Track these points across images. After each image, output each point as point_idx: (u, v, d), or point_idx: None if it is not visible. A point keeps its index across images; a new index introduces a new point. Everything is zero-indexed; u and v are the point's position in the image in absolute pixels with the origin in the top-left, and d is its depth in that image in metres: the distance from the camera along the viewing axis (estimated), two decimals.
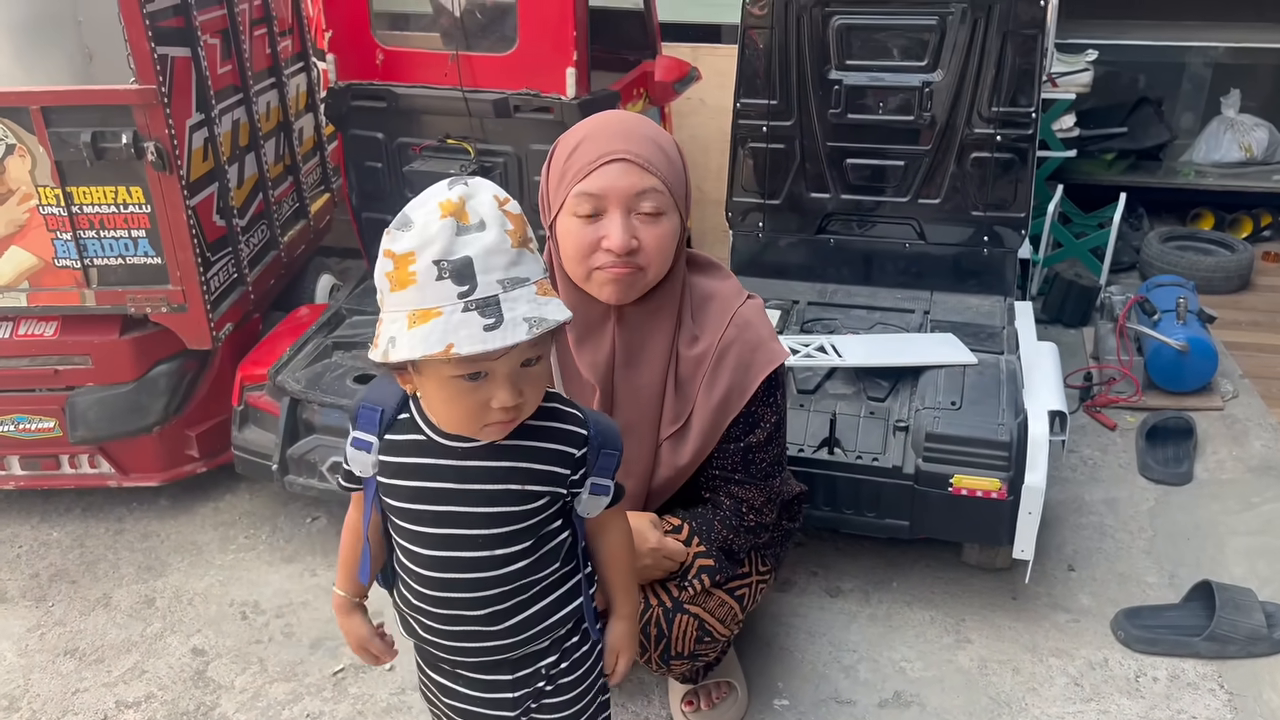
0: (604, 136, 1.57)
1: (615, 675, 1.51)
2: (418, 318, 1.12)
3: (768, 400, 1.72)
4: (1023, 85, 2.70)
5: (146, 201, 2.42)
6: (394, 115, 2.89)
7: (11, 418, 2.58)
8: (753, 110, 2.88)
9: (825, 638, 2.29)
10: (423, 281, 1.12)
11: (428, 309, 1.12)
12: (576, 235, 1.57)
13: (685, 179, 1.63)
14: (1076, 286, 3.67)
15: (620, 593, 1.48)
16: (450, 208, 1.13)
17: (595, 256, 1.57)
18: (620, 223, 1.54)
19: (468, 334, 1.11)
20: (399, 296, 1.13)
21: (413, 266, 1.12)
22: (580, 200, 1.55)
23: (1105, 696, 2.11)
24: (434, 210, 1.13)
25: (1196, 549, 2.54)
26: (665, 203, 1.57)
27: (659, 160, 1.56)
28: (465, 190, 1.15)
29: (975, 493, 2.16)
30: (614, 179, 1.54)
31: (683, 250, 1.68)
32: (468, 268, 1.12)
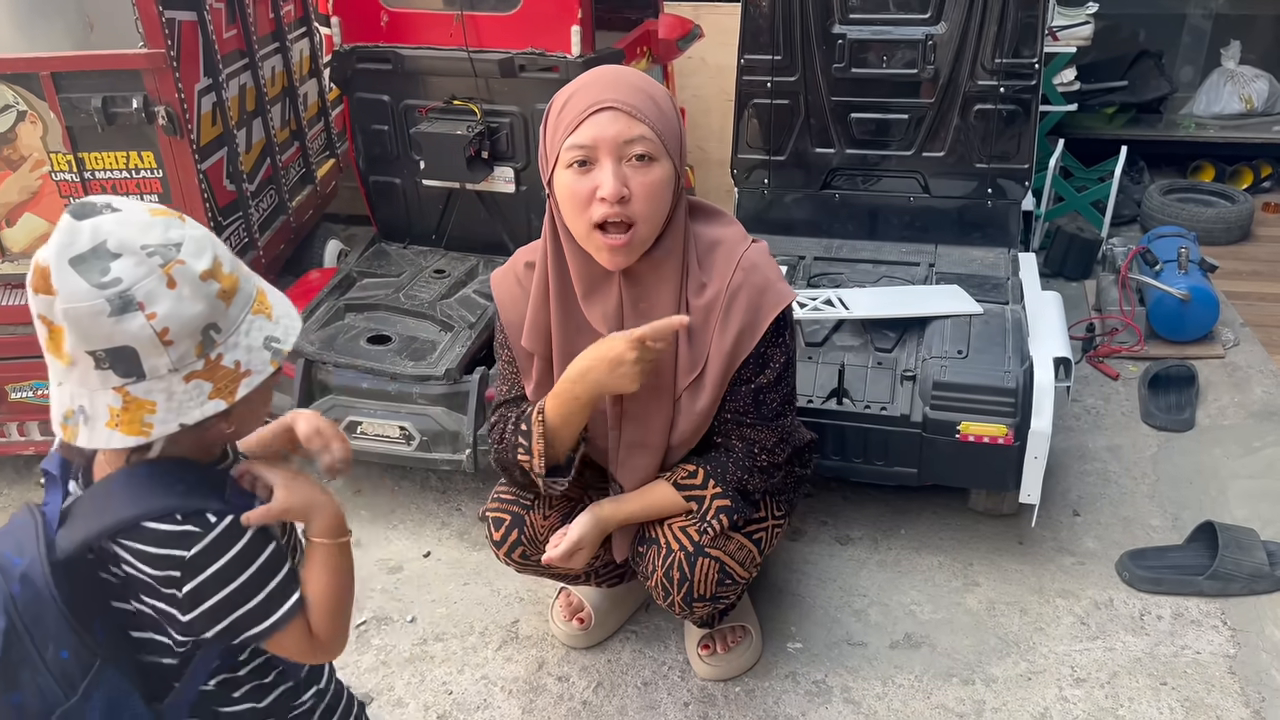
0: (593, 88, 1.59)
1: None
2: (262, 303, 1.09)
3: (776, 341, 1.75)
4: (1025, 37, 2.71)
5: (158, 166, 2.44)
6: (399, 77, 2.89)
7: (30, 383, 2.61)
8: (757, 66, 2.89)
9: (836, 583, 2.34)
10: (241, 274, 1.07)
11: (258, 290, 1.10)
12: (571, 187, 1.59)
13: (679, 129, 1.65)
14: (1078, 240, 3.69)
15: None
16: (167, 213, 1.05)
17: (592, 208, 1.58)
18: (611, 170, 1.56)
19: (276, 291, 1.13)
20: (236, 305, 1.05)
21: (225, 268, 1.05)
22: (572, 152, 1.57)
23: (1111, 634, 2.16)
24: (167, 221, 1.02)
25: (1199, 492, 2.59)
26: (656, 149, 1.59)
27: (647, 107, 1.58)
28: (130, 204, 1.03)
29: (982, 439, 2.19)
30: (603, 127, 1.56)
31: (681, 201, 1.70)
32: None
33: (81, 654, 1.08)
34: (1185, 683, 2.04)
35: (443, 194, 3.03)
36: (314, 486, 1.17)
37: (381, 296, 2.80)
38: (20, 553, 1.07)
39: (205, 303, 1.02)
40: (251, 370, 1.06)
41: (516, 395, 1.87)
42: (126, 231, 0.99)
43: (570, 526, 1.82)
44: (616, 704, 2.05)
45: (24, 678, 1.06)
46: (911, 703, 2.02)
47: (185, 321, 1.00)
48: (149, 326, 0.99)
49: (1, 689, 1.06)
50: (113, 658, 1.12)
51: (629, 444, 1.81)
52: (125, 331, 0.98)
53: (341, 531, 1.18)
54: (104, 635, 1.11)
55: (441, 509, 2.65)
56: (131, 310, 0.98)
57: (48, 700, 1.07)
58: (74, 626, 1.07)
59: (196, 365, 1.03)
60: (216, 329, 1.03)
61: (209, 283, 1.02)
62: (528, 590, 2.34)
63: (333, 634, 1.17)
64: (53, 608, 1.06)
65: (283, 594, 1.12)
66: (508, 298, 1.83)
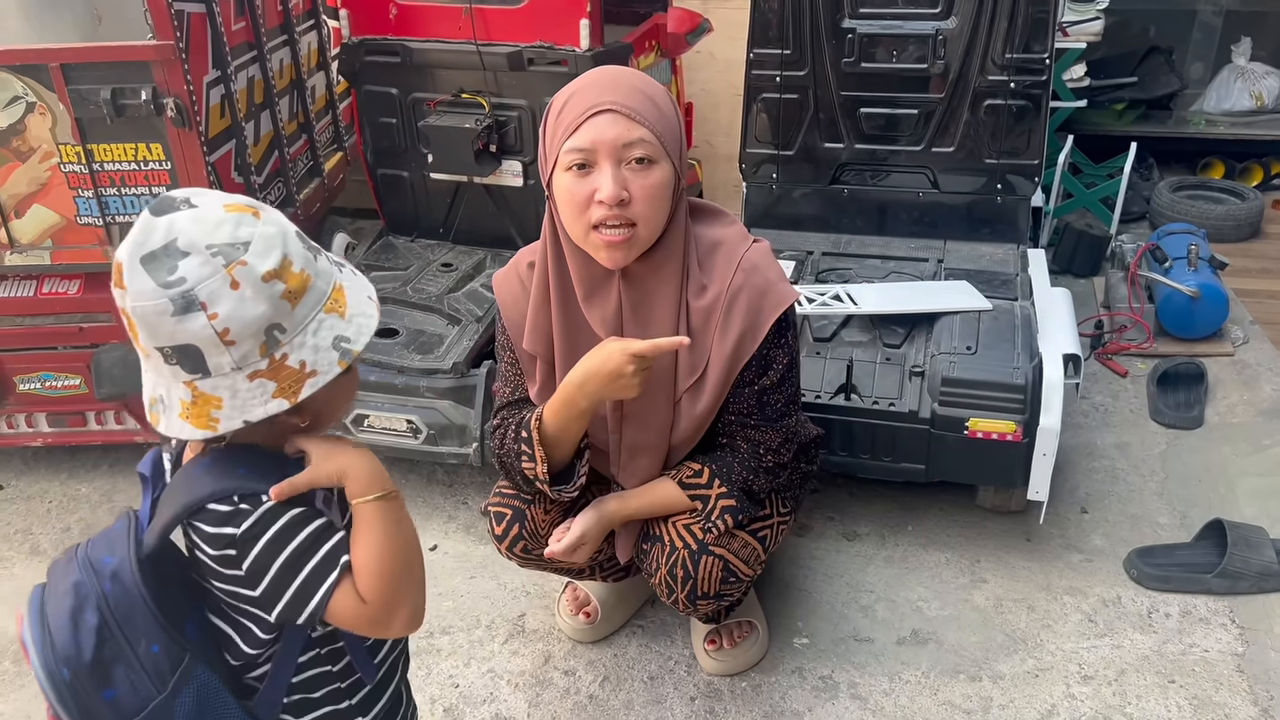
0: (591, 90, 1.58)
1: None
2: (337, 301, 1.08)
3: (779, 342, 1.74)
4: (1037, 32, 2.70)
5: (167, 158, 2.43)
6: (408, 70, 2.89)
7: (38, 375, 2.62)
8: (766, 61, 2.88)
9: (843, 579, 2.34)
10: (314, 271, 1.06)
11: (335, 289, 1.09)
12: (570, 190, 1.58)
13: (679, 130, 1.63)
14: (1087, 236, 3.68)
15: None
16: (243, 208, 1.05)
17: (590, 211, 1.58)
18: (610, 173, 1.55)
19: (360, 282, 1.13)
20: (304, 306, 1.05)
21: (295, 267, 1.04)
22: (571, 155, 1.56)
23: (1118, 632, 2.16)
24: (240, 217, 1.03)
25: (1208, 490, 2.58)
26: (655, 151, 1.57)
27: (647, 110, 1.57)
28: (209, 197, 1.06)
29: (991, 435, 2.19)
30: (602, 130, 1.54)
31: (681, 203, 1.68)
32: (307, 239, 1.10)
33: (171, 649, 1.11)
34: (1193, 681, 2.03)
35: (451, 187, 3.03)
36: (346, 450, 1.13)
37: (389, 290, 2.79)
38: (112, 552, 1.11)
39: (268, 304, 1.02)
40: (317, 371, 1.05)
41: (519, 397, 1.87)
42: (197, 230, 1.01)
43: (574, 521, 1.82)
44: (623, 698, 2.05)
45: (118, 674, 1.09)
46: (918, 699, 2.02)
47: (247, 322, 1.01)
48: (210, 326, 1.00)
49: (96, 686, 1.08)
50: (202, 655, 1.13)
51: (630, 447, 1.81)
52: (188, 330, 1.00)
53: (377, 487, 1.12)
54: (195, 633, 1.14)
55: (448, 502, 2.65)
56: (194, 310, 0.99)
57: (141, 696, 1.10)
58: (162, 622, 1.10)
59: (260, 365, 1.04)
60: (281, 329, 1.03)
61: (273, 283, 1.01)
62: (534, 584, 2.34)
63: (385, 600, 1.10)
64: (141, 604, 1.09)
65: (332, 558, 1.10)
66: (510, 298, 1.83)
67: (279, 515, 1.09)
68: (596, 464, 1.83)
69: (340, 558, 1.10)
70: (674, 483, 1.80)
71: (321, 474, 1.11)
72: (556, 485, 1.75)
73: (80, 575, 1.10)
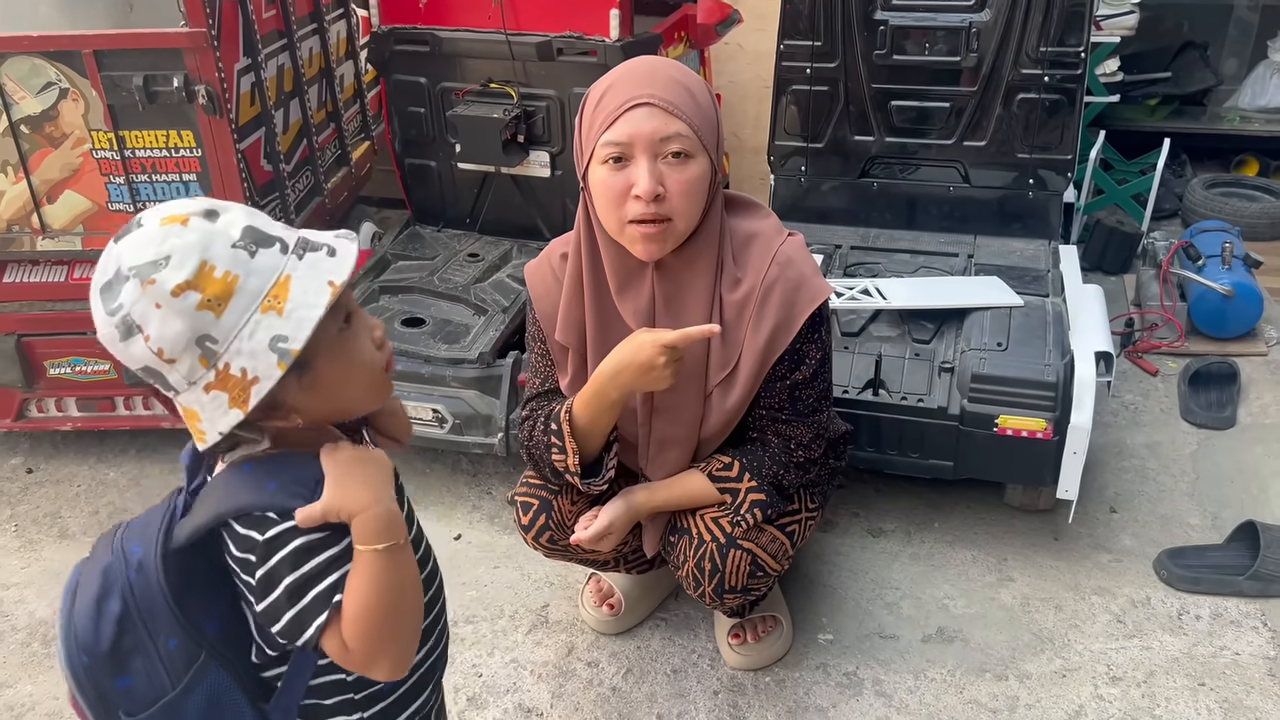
0: (629, 82, 1.56)
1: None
2: (276, 297, 1.00)
3: (812, 337, 1.73)
4: (1072, 24, 2.66)
5: (197, 145, 2.44)
6: (437, 59, 2.89)
7: (68, 360, 2.64)
8: (796, 52, 2.86)
9: (868, 576, 2.32)
10: (244, 271, 1.00)
11: (275, 283, 1.01)
12: (606, 183, 1.57)
13: (716, 123, 1.62)
14: (1118, 233, 3.63)
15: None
16: (176, 218, 1.00)
17: (627, 206, 1.57)
18: (647, 168, 1.54)
19: (329, 266, 1.03)
20: (232, 311, 0.99)
21: (217, 272, 0.98)
22: (608, 148, 1.55)
23: (1148, 633, 2.14)
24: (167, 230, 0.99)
25: (1240, 491, 2.54)
26: (692, 145, 1.56)
27: (685, 103, 1.55)
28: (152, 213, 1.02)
29: (1020, 433, 2.17)
30: (639, 124, 1.53)
31: (717, 196, 1.67)
32: (257, 232, 1.02)
33: (188, 646, 1.09)
34: (1224, 684, 2.01)
35: (478, 177, 3.02)
36: (363, 486, 1.07)
37: (416, 279, 2.80)
38: (141, 542, 1.09)
39: (183, 318, 0.98)
40: (259, 377, 1.00)
41: (549, 388, 1.86)
42: (130, 253, 0.99)
43: (601, 510, 1.81)
44: (646, 690, 2.04)
45: (135, 664, 1.08)
46: (944, 697, 2.00)
47: (171, 339, 0.99)
48: (148, 348, 0.99)
49: (111, 673, 1.08)
50: (220, 654, 1.11)
51: (659, 440, 1.80)
52: (136, 354, 1.00)
53: (381, 539, 1.06)
54: (217, 631, 1.12)
55: (472, 492, 2.65)
56: (135, 334, 0.99)
57: (155, 689, 1.09)
58: (180, 619, 1.08)
59: (209, 377, 1.01)
60: (211, 339, 0.99)
61: (184, 295, 0.97)
62: (558, 575, 2.34)
63: (365, 650, 1.07)
64: (161, 598, 1.07)
65: (330, 594, 1.06)
66: (542, 289, 1.82)
67: (296, 535, 1.06)
68: (624, 457, 1.82)
69: (335, 596, 1.06)
70: (703, 475, 1.79)
71: (332, 509, 1.05)
72: (586, 478, 1.74)
73: (112, 559, 1.09)
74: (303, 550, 1.05)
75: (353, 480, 1.06)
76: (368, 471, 1.08)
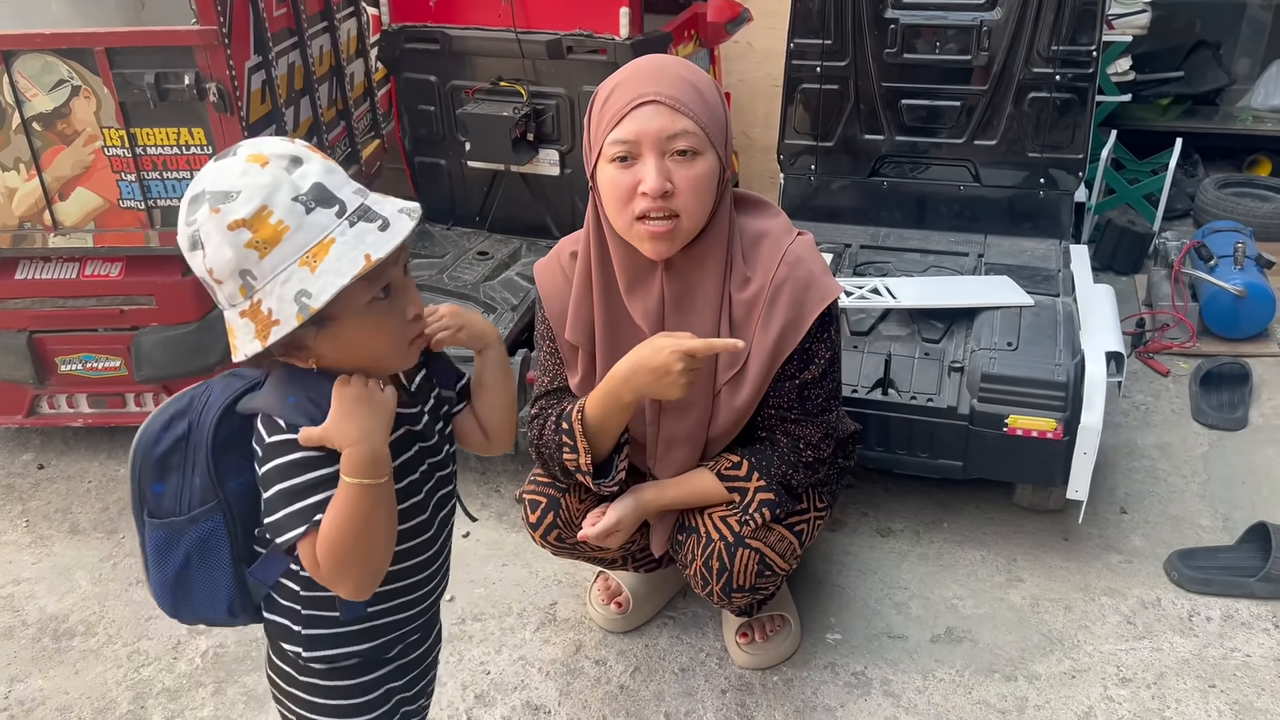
0: (635, 81, 1.56)
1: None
2: (315, 255, 1.07)
3: (821, 336, 1.73)
4: (1084, 23, 2.65)
5: (208, 143, 2.45)
6: (447, 58, 2.89)
7: (79, 356, 2.65)
8: (806, 51, 2.86)
9: (876, 575, 2.32)
10: (295, 224, 1.07)
11: (318, 243, 1.08)
12: (614, 182, 1.57)
13: (724, 120, 1.62)
14: (1129, 233, 3.62)
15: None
16: (260, 158, 1.09)
17: (634, 203, 1.57)
18: (654, 165, 1.54)
19: (373, 240, 1.09)
20: (275, 256, 1.07)
21: (273, 218, 1.07)
22: (615, 146, 1.56)
23: (1158, 635, 2.13)
24: (248, 168, 1.08)
25: (1251, 493, 2.53)
26: (699, 143, 1.56)
27: (691, 100, 1.55)
28: (250, 144, 1.11)
29: (1030, 433, 2.16)
30: (645, 121, 1.53)
31: (725, 194, 1.67)
32: (324, 191, 1.09)
33: (206, 489, 1.23)
34: (1235, 685, 2.00)
35: (487, 175, 3.03)
36: (363, 420, 1.14)
37: (425, 277, 2.80)
38: (222, 391, 1.24)
39: (233, 250, 1.07)
40: (280, 320, 1.08)
41: (558, 386, 1.86)
42: (212, 178, 1.09)
43: (610, 506, 1.81)
44: (654, 689, 2.04)
45: (171, 478, 1.23)
46: (952, 697, 2.00)
47: (221, 264, 1.09)
48: (204, 264, 1.10)
49: (152, 476, 1.23)
50: (228, 508, 1.24)
51: (667, 439, 1.80)
52: (197, 266, 1.11)
53: (364, 474, 1.13)
54: (236, 488, 1.24)
55: (480, 490, 2.66)
56: (198, 249, 1.10)
57: (174, 506, 1.24)
58: (209, 465, 1.21)
59: (244, 305, 1.11)
60: (252, 275, 1.08)
61: (238, 231, 1.06)
62: (566, 573, 2.34)
63: (331, 569, 1.16)
64: (204, 441, 1.21)
65: (311, 511, 1.15)
66: (551, 288, 1.82)
67: (294, 448, 1.16)
68: (633, 457, 1.82)
69: (316, 515, 1.15)
70: (712, 474, 1.79)
71: (326, 437, 1.15)
72: (596, 479, 1.74)
73: (200, 391, 1.25)
74: (296, 464, 1.16)
75: (348, 416, 1.15)
76: (363, 411, 1.15)
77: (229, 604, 1.29)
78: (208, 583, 1.26)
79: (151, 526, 1.25)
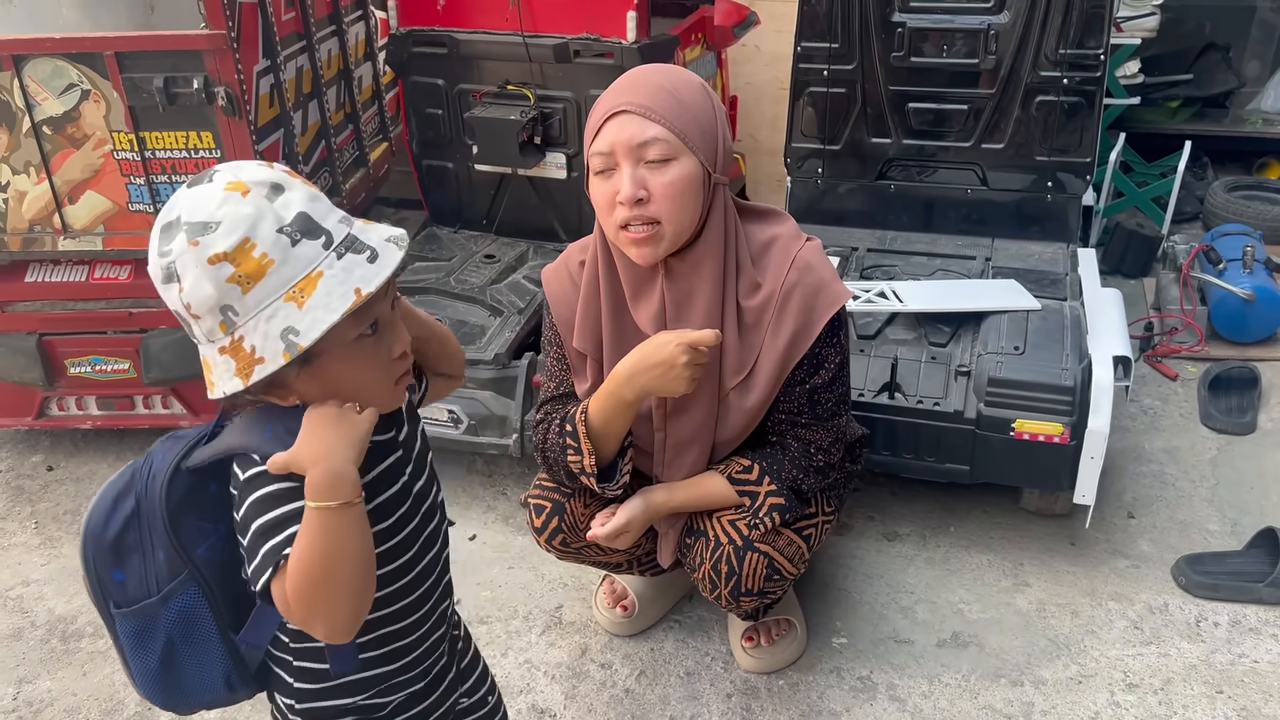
0: (613, 93, 1.59)
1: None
2: (302, 290, 1.02)
3: (831, 341, 1.73)
4: (1092, 26, 2.65)
5: (216, 146, 2.46)
6: (455, 61, 2.90)
7: (88, 359, 2.66)
8: (814, 54, 2.86)
9: (883, 580, 2.32)
10: (280, 258, 1.02)
11: (305, 277, 1.02)
12: (598, 192, 1.60)
13: (710, 124, 1.61)
14: (1138, 236, 3.61)
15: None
16: (239, 185, 1.03)
17: (615, 213, 1.58)
18: (627, 174, 1.56)
19: (362, 273, 1.04)
20: (259, 291, 1.02)
21: (256, 251, 1.01)
22: (595, 159, 1.59)
23: (1165, 640, 2.12)
24: (227, 198, 1.02)
25: (1260, 497, 2.52)
26: (672, 149, 1.56)
27: (664, 106, 1.56)
28: (228, 170, 1.05)
29: (1037, 437, 2.15)
30: (617, 132, 1.55)
31: (717, 198, 1.66)
32: (309, 221, 1.04)
33: (174, 561, 1.15)
34: (1242, 691, 1.99)
35: (495, 179, 3.03)
36: (328, 437, 1.07)
37: (432, 280, 2.81)
38: (166, 455, 1.15)
39: (213, 285, 1.01)
40: (265, 358, 1.03)
41: (564, 392, 1.87)
42: (191, 207, 1.03)
43: (620, 507, 1.81)
44: (659, 693, 2.04)
45: (132, 561, 1.15)
46: (958, 702, 2.00)
47: (200, 299, 1.02)
48: (180, 298, 1.04)
49: (110, 563, 1.15)
50: (201, 577, 1.16)
51: (675, 444, 1.80)
52: (171, 300, 1.05)
53: (326, 496, 1.04)
54: (204, 554, 1.16)
55: (487, 493, 2.66)
56: (173, 281, 1.03)
57: (142, 590, 1.16)
58: (170, 535, 1.13)
59: (224, 341, 1.05)
60: (233, 311, 1.02)
61: (220, 266, 1.00)
62: (572, 576, 2.34)
63: (306, 612, 1.06)
64: (159, 511, 1.13)
65: (281, 548, 1.06)
66: (559, 294, 1.83)
67: (270, 481, 1.08)
68: (640, 464, 1.83)
69: (285, 550, 1.06)
70: (722, 478, 1.79)
71: (292, 461, 1.07)
72: (601, 482, 1.75)
73: (141, 463, 1.16)
74: (269, 498, 1.08)
75: (314, 435, 1.07)
76: (331, 429, 1.08)
77: (226, 677, 1.21)
78: (197, 661, 1.19)
79: (121, 618, 1.17)
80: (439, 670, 1.35)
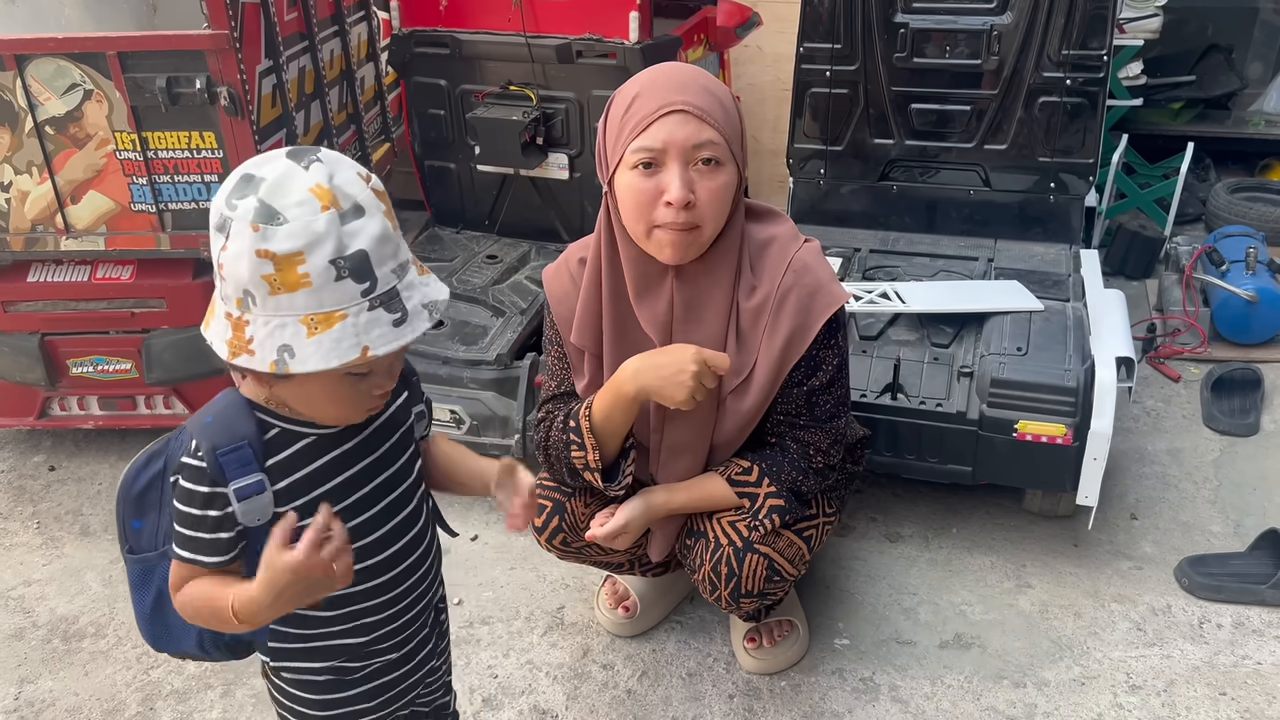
0: (661, 88, 1.56)
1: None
2: (318, 323, 1.03)
3: (829, 343, 1.73)
4: (1095, 28, 2.64)
5: (219, 147, 2.46)
6: (457, 62, 2.90)
7: (90, 359, 2.66)
8: (816, 55, 2.86)
9: (885, 581, 2.31)
10: (319, 284, 1.02)
11: (329, 313, 1.03)
12: (636, 189, 1.57)
13: (742, 131, 1.62)
14: (1140, 238, 3.61)
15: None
16: (325, 195, 1.02)
17: (656, 212, 1.57)
18: (679, 175, 1.54)
19: (380, 334, 1.05)
20: (284, 300, 1.03)
21: (303, 268, 1.01)
22: (639, 154, 1.55)
23: (1168, 641, 2.11)
24: (308, 201, 1.02)
25: (1263, 499, 2.52)
26: (723, 154, 1.57)
27: (716, 111, 1.56)
28: (325, 168, 1.05)
29: (1040, 438, 2.15)
30: (672, 130, 1.53)
31: (740, 204, 1.67)
32: (365, 263, 1.03)
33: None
34: (1245, 693, 1.99)
35: (497, 179, 3.03)
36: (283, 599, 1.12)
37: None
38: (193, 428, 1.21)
39: (249, 271, 1.03)
40: (255, 354, 1.05)
41: (565, 391, 1.86)
42: (276, 185, 1.03)
43: (619, 508, 1.81)
44: (661, 694, 2.04)
45: (149, 516, 1.26)
46: (961, 704, 1.99)
47: (233, 271, 1.04)
48: (219, 254, 1.05)
49: (131, 513, 1.27)
50: None
51: (671, 446, 1.80)
52: (214, 246, 1.07)
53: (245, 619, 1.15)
54: None
55: None
56: (223, 234, 1.05)
57: (153, 541, 1.28)
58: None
59: (233, 311, 1.07)
60: (254, 299, 1.04)
61: (263, 261, 1.02)
62: (573, 577, 2.34)
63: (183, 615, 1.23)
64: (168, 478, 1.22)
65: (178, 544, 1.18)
66: (560, 293, 1.82)
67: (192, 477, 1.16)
68: (636, 466, 1.83)
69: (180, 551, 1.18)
70: (722, 479, 1.79)
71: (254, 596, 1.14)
72: (605, 480, 1.74)
73: (179, 431, 1.22)
74: (183, 495, 1.17)
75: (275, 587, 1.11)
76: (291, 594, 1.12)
77: (198, 639, 1.33)
78: (179, 617, 1.26)
79: (131, 562, 1.30)
80: (418, 642, 1.40)
